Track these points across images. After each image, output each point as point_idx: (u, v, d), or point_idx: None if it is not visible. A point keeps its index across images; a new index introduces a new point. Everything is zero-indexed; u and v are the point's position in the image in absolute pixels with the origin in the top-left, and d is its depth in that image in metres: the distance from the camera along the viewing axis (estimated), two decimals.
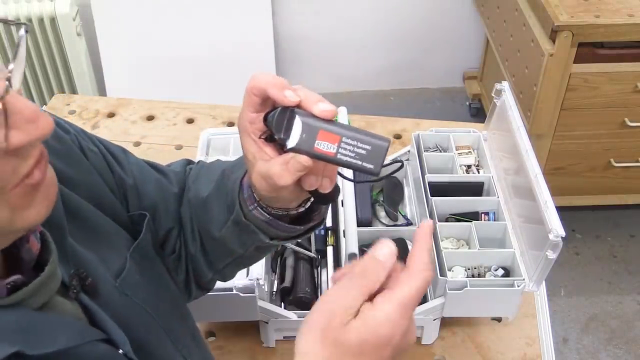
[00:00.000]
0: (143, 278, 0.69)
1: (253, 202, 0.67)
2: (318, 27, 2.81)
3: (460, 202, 1.22)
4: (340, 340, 0.52)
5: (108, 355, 0.58)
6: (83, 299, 0.59)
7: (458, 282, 1.06)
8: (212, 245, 0.77)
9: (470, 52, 2.90)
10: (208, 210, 0.74)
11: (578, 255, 2.33)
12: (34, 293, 0.53)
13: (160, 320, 0.69)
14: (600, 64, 1.92)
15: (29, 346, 0.49)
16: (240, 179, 0.69)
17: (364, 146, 0.57)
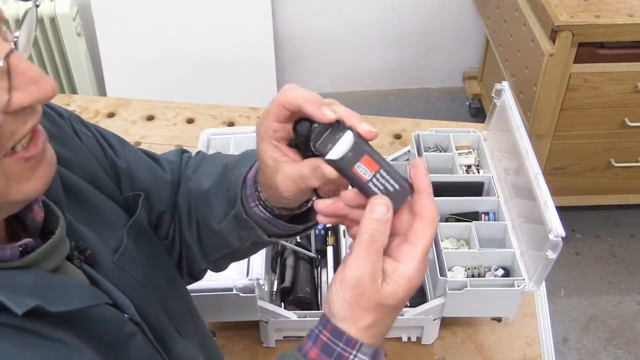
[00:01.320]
0: (140, 254, 0.70)
1: (255, 200, 0.69)
2: (318, 27, 2.81)
3: (460, 202, 1.22)
4: (382, 304, 0.57)
5: (116, 318, 0.61)
6: (86, 268, 0.61)
7: (458, 282, 1.06)
8: (210, 237, 0.78)
9: (470, 52, 2.90)
10: (208, 203, 0.76)
11: (578, 255, 2.33)
12: (46, 256, 0.55)
13: (156, 295, 0.71)
14: (600, 64, 1.92)
15: (48, 303, 0.51)
16: (243, 175, 0.71)
17: (394, 184, 0.59)
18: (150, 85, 2.62)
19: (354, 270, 0.57)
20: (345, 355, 0.57)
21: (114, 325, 0.60)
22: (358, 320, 0.58)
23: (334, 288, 0.58)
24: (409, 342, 1.14)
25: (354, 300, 0.57)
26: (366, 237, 0.57)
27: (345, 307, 0.58)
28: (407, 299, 0.58)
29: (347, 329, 0.58)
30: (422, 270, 0.58)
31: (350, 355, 0.57)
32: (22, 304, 0.49)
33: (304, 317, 1.09)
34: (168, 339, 0.71)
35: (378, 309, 0.57)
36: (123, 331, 0.61)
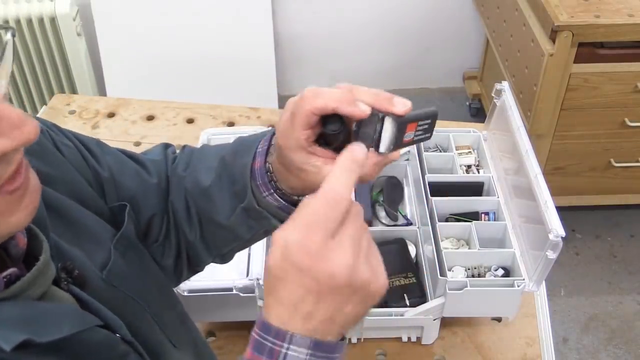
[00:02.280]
0: (129, 268, 0.69)
1: (269, 189, 0.68)
2: (318, 27, 2.81)
3: (460, 202, 1.22)
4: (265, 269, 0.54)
5: (108, 340, 0.59)
6: (74, 290, 0.59)
7: (458, 282, 1.06)
8: (217, 232, 0.77)
9: (470, 52, 2.90)
10: (212, 199, 0.74)
11: (578, 255, 2.33)
12: (32, 284, 0.53)
13: (149, 308, 0.69)
14: (600, 64, 1.92)
15: (36, 334, 0.50)
16: (249, 166, 0.69)
17: (427, 122, 0.62)
18: (150, 85, 2.62)
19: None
20: (276, 350, 0.52)
21: (105, 348, 0.59)
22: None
23: None
24: (409, 342, 1.14)
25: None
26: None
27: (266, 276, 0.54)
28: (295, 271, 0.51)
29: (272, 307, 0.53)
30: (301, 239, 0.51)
31: (282, 349, 0.52)
32: (9, 340, 0.47)
33: None
34: (163, 352, 0.69)
35: (265, 275, 0.54)
36: (115, 352, 0.60)
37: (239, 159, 0.71)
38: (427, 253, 1.17)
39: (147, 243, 0.79)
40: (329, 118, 0.60)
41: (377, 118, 0.59)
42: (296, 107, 0.60)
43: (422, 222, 1.22)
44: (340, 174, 0.55)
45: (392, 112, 0.59)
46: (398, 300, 1.13)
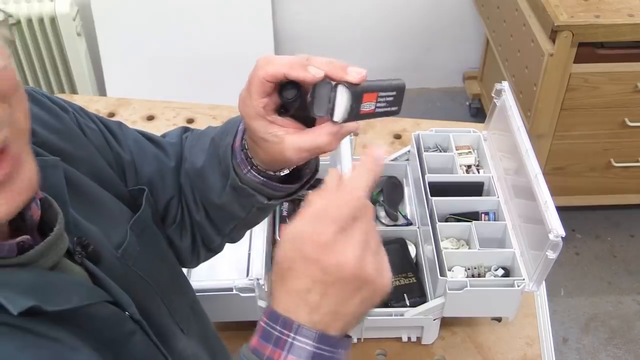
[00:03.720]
0: (143, 250, 0.70)
1: (247, 166, 0.70)
2: (318, 27, 2.81)
3: (460, 202, 1.22)
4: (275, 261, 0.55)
5: (116, 316, 0.60)
6: (87, 265, 0.61)
7: (458, 282, 1.06)
8: (215, 212, 0.79)
9: (470, 52, 2.90)
10: (205, 179, 0.76)
11: (578, 255, 2.33)
12: (45, 253, 0.55)
13: (160, 291, 0.70)
14: (600, 64, 1.92)
15: (45, 302, 0.50)
16: (230, 145, 0.71)
17: (391, 93, 0.61)
18: (150, 85, 2.62)
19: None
20: (283, 339, 0.53)
21: (113, 324, 0.60)
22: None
23: None
24: (409, 342, 1.14)
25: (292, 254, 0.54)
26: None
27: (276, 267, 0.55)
28: (303, 262, 0.52)
29: (280, 297, 0.54)
30: (308, 231, 0.52)
31: (288, 339, 0.53)
32: (18, 304, 0.48)
33: None
34: (170, 336, 0.70)
35: (274, 268, 0.55)
36: (123, 329, 0.61)
37: (224, 139, 0.73)
38: (427, 253, 1.17)
39: (165, 225, 0.80)
40: (285, 86, 0.60)
41: (330, 86, 0.58)
42: (251, 76, 0.61)
43: (422, 222, 1.22)
44: (361, 173, 0.56)
45: (345, 80, 0.58)
46: (398, 300, 1.13)
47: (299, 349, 0.53)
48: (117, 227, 0.68)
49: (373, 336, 1.14)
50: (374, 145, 0.58)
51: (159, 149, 0.81)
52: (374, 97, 0.59)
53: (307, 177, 0.74)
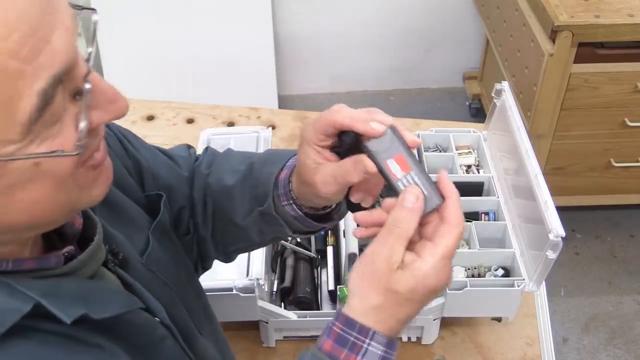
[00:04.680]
0: (163, 255, 0.72)
1: (289, 199, 0.73)
2: (318, 28, 2.81)
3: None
4: (392, 289, 0.58)
5: (149, 322, 0.62)
6: (119, 272, 0.62)
7: (458, 282, 1.06)
8: (229, 231, 0.81)
9: (470, 52, 2.90)
10: (232, 199, 0.78)
11: (578, 255, 2.33)
12: (86, 263, 0.56)
13: (180, 295, 0.72)
14: (600, 64, 1.92)
15: (92, 310, 0.52)
16: (275, 174, 0.74)
17: (424, 190, 0.61)
18: (150, 85, 2.62)
19: (371, 248, 0.60)
20: (359, 344, 0.58)
21: (146, 330, 0.61)
22: (365, 297, 0.59)
23: (354, 266, 0.61)
24: (409, 342, 1.14)
25: (367, 275, 0.59)
26: (390, 221, 0.60)
27: (357, 281, 0.60)
28: (421, 295, 0.59)
29: (356, 306, 0.59)
30: (439, 270, 0.59)
31: (364, 344, 0.58)
32: (70, 313, 0.50)
33: (304, 317, 1.09)
34: (192, 338, 0.72)
35: (387, 293, 0.58)
36: (154, 335, 0.62)
37: (267, 167, 0.75)
38: None
39: (177, 235, 0.81)
40: (347, 132, 0.64)
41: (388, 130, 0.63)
42: (322, 115, 0.66)
43: None
44: (456, 204, 0.61)
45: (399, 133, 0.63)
46: None
47: (371, 353, 0.58)
48: (139, 233, 0.69)
49: None
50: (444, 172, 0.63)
51: (171, 160, 0.82)
52: (406, 169, 0.63)
53: (335, 221, 0.78)
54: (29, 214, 0.48)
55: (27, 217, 0.48)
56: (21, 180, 0.45)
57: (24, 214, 0.48)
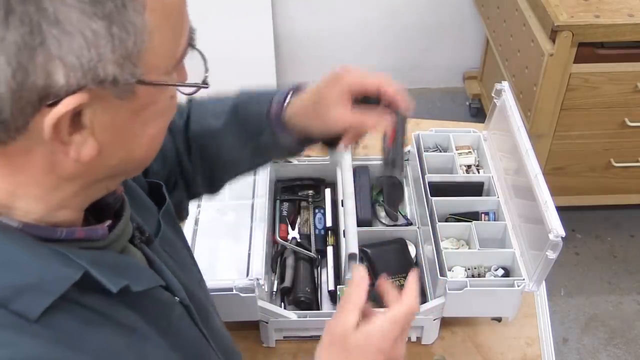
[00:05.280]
0: (172, 239, 0.74)
1: (283, 129, 0.83)
2: (318, 27, 2.81)
3: (460, 202, 1.22)
4: (346, 348, 0.67)
5: (169, 301, 0.63)
6: (145, 249, 0.64)
7: (458, 282, 1.06)
8: (218, 168, 0.89)
9: (470, 52, 2.90)
10: (220, 139, 0.86)
11: (578, 255, 2.33)
12: (120, 235, 0.58)
13: (193, 277, 0.75)
14: (600, 64, 1.92)
15: (131, 283, 0.54)
16: (265, 112, 0.83)
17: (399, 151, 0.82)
18: None
19: (332, 320, 0.70)
20: None
21: (167, 308, 0.62)
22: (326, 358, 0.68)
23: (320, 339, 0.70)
24: (409, 342, 1.14)
25: (326, 342, 0.69)
26: (344, 297, 0.72)
27: (320, 350, 0.69)
28: (369, 354, 0.67)
29: None
30: (386, 332, 0.68)
31: None
32: (115, 282, 0.51)
33: (304, 317, 1.09)
34: (208, 316, 0.73)
35: (342, 353, 0.67)
36: (174, 313, 0.63)
37: (253, 106, 0.84)
38: (427, 253, 1.17)
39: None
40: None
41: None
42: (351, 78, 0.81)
43: (422, 222, 1.22)
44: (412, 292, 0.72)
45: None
46: None
47: None
48: (151, 217, 0.70)
49: None
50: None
51: None
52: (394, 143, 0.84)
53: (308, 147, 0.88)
54: (147, 149, 0.53)
55: (144, 153, 0.53)
56: (159, 111, 0.52)
57: (143, 149, 0.53)
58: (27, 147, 0.47)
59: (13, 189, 0.49)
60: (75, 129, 0.46)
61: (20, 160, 0.47)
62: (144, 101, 0.49)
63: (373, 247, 1.19)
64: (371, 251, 1.18)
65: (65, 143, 0.46)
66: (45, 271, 0.48)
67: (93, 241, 0.54)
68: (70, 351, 0.48)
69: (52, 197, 0.50)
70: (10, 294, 0.46)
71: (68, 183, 0.50)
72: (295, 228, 1.28)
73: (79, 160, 0.48)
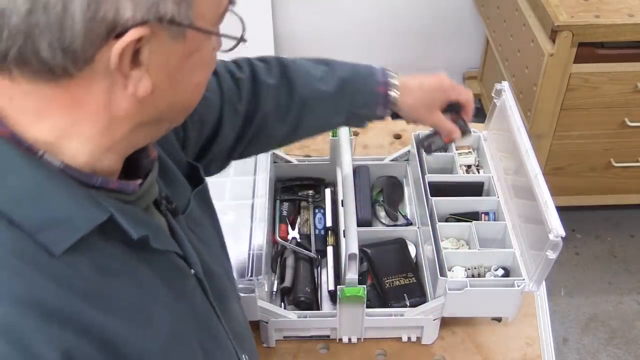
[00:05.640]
0: (201, 218, 0.75)
1: (387, 106, 0.97)
2: (318, 27, 2.81)
3: (460, 202, 1.22)
4: None
5: (183, 271, 0.65)
6: (168, 217, 0.66)
7: (458, 282, 1.06)
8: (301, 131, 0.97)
9: (470, 52, 2.90)
10: (325, 104, 0.95)
11: (578, 255, 2.33)
12: (146, 193, 0.60)
13: (216, 257, 0.76)
14: (600, 64, 1.92)
15: (151, 237, 0.57)
16: (375, 87, 0.96)
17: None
18: None
19: None
20: None
21: (180, 276, 0.64)
22: None
23: None
24: (409, 342, 1.14)
25: None
26: None
27: None
28: None
29: None
30: None
31: None
32: (137, 231, 0.54)
33: (303, 317, 1.09)
34: (226, 297, 0.74)
35: None
36: (186, 283, 0.65)
37: (363, 80, 0.96)
38: (427, 253, 1.17)
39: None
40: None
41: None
42: (446, 91, 1.00)
43: (422, 222, 1.22)
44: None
45: None
46: (398, 300, 1.13)
47: None
48: (181, 195, 0.72)
49: (373, 336, 1.14)
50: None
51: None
52: None
53: None
54: (191, 96, 0.57)
55: (189, 100, 0.57)
56: (203, 60, 0.56)
57: (188, 95, 0.57)
58: (89, 82, 0.49)
59: (68, 126, 0.51)
60: (133, 66, 0.50)
61: (81, 95, 0.50)
62: (192, 47, 0.53)
63: (373, 247, 1.19)
64: (371, 251, 1.18)
65: (126, 76, 0.50)
66: (76, 209, 0.51)
67: (123, 194, 0.56)
68: (81, 298, 0.49)
69: (101, 138, 0.53)
70: (40, 223, 0.48)
71: (119, 124, 0.53)
72: (295, 228, 1.28)
73: (134, 95, 0.51)
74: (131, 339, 0.52)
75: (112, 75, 0.49)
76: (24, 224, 0.48)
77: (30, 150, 0.50)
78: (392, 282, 1.15)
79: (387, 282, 1.15)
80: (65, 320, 0.47)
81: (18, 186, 0.49)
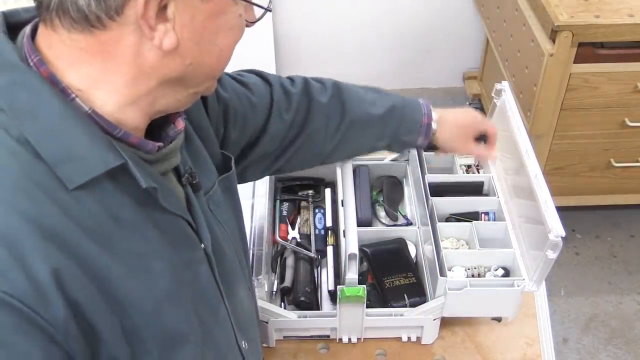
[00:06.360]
0: (224, 205, 0.78)
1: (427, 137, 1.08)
2: (318, 27, 2.81)
3: (460, 202, 1.22)
4: None
5: (193, 241, 0.67)
6: (188, 191, 0.68)
7: (458, 282, 1.06)
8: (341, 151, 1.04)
9: (470, 52, 2.90)
10: (370, 127, 1.02)
11: (578, 255, 2.33)
12: (166, 158, 0.63)
13: (233, 242, 0.78)
14: (600, 64, 1.92)
15: (160, 194, 0.60)
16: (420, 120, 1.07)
17: None
18: None
19: None
20: None
21: (188, 246, 0.66)
22: None
23: None
24: (409, 342, 1.14)
25: None
26: None
27: None
28: None
29: None
30: None
31: None
32: (146, 181, 0.57)
33: (303, 317, 1.09)
34: (234, 281, 0.75)
35: None
36: (194, 255, 0.66)
37: (411, 110, 1.06)
38: (427, 253, 1.17)
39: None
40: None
41: None
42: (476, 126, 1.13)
43: (422, 222, 1.22)
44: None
45: None
46: (398, 300, 1.13)
47: None
48: (207, 176, 0.75)
49: (373, 336, 1.14)
50: None
51: (245, 87, 0.93)
52: None
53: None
54: (217, 58, 0.60)
55: (213, 62, 0.60)
56: (229, 25, 0.58)
57: (214, 57, 0.59)
58: (119, 34, 0.54)
59: (99, 75, 0.55)
60: (160, 20, 0.54)
61: (111, 46, 0.54)
62: (217, 8, 0.56)
63: (373, 247, 1.19)
64: (371, 251, 1.18)
65: (153, 29, 0.54)
66: (94, 150, 0.55)
67: (142, 152, 0.60)
68: (83, 231, 0.53)
69: (127, 90, 0.57)
70: (60, 157, 0.53)
71: (145, 77, 0.57)
72: (295, 228, 1.28)
73: (160, 48, 0.55)
74: (126, 282, 0.55)
75: (141, 29, 0.53)
76: (47, 157, 0.53)
77: (64, 92, 0.55)
78: (392, 282, 1.15)
79: (387, 282, 1.15)
80: (62, 243, 0.51)
81: (48, 120, 0.53)
